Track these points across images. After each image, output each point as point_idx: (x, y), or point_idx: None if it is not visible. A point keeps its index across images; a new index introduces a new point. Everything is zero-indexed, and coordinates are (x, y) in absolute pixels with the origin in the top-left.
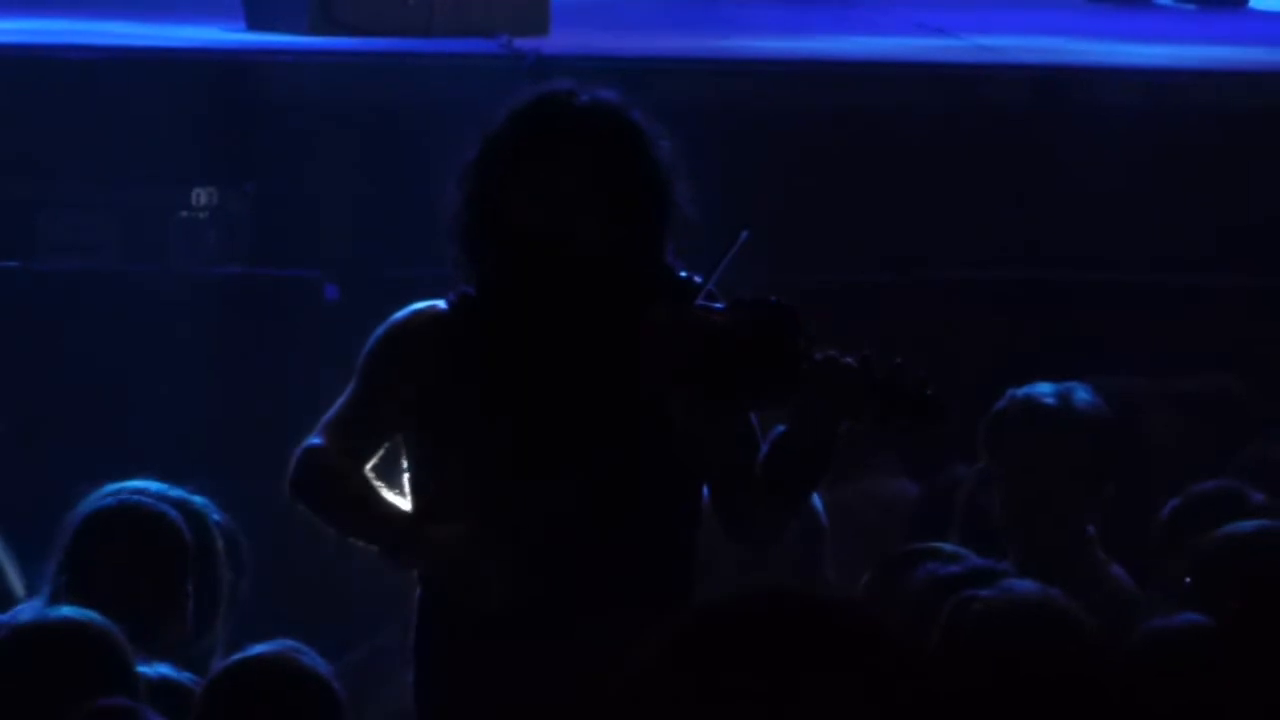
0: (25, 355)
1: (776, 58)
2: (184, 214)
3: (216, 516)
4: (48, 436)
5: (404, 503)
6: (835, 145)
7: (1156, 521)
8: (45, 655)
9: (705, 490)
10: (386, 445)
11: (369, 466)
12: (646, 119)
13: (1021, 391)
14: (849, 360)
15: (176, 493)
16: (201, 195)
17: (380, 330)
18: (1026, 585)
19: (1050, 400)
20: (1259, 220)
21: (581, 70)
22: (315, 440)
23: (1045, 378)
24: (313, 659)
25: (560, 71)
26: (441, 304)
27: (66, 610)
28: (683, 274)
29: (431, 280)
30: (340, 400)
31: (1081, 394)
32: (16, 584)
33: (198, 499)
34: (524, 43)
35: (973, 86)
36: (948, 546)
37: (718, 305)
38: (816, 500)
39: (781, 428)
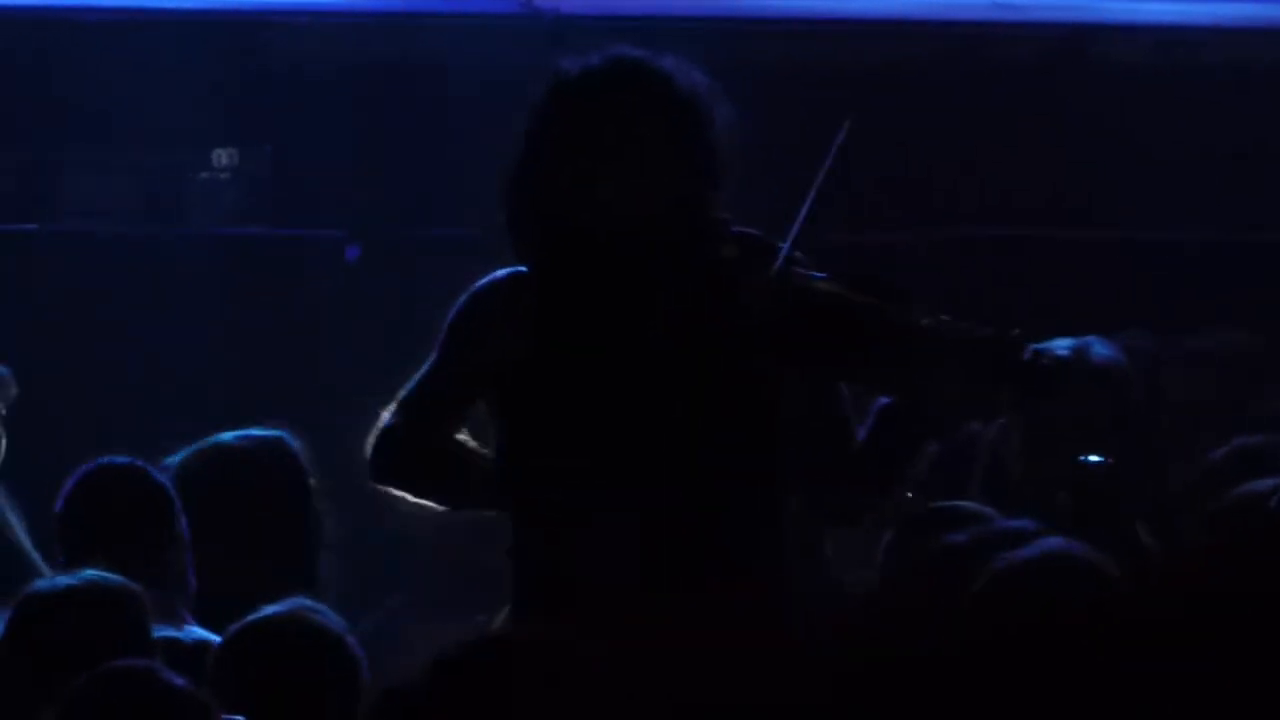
0: (46, 317)
1: (795, 15)
2: (204, 175)
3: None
4: (69, 398)
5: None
6: (856, 102)
7: (1180, 476)
8: (65, 617)
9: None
10: (465, 419)
11: (456, 435)
12: (712, 82)
13: (1039, 346)
14: (958, 332)
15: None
16: (221, 156)
17: (461, 300)
18: (1052, 540)
19: (1067, 354)
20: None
21: (600, 29)
22: (391, 421)
23: (1066, 334)
24: (328, 617)
25: (579, 30)
26: (522, 271)
27: (89, 573)
28: (759, 236)
29: (451, 240)
30: (419, 374)
31: (1099, 348)
32: (25, 541)
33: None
34: (543, 1)
35: (991, 44)
36: (969, 505)
37: (817, 274)
38: None
39: (883, 401)
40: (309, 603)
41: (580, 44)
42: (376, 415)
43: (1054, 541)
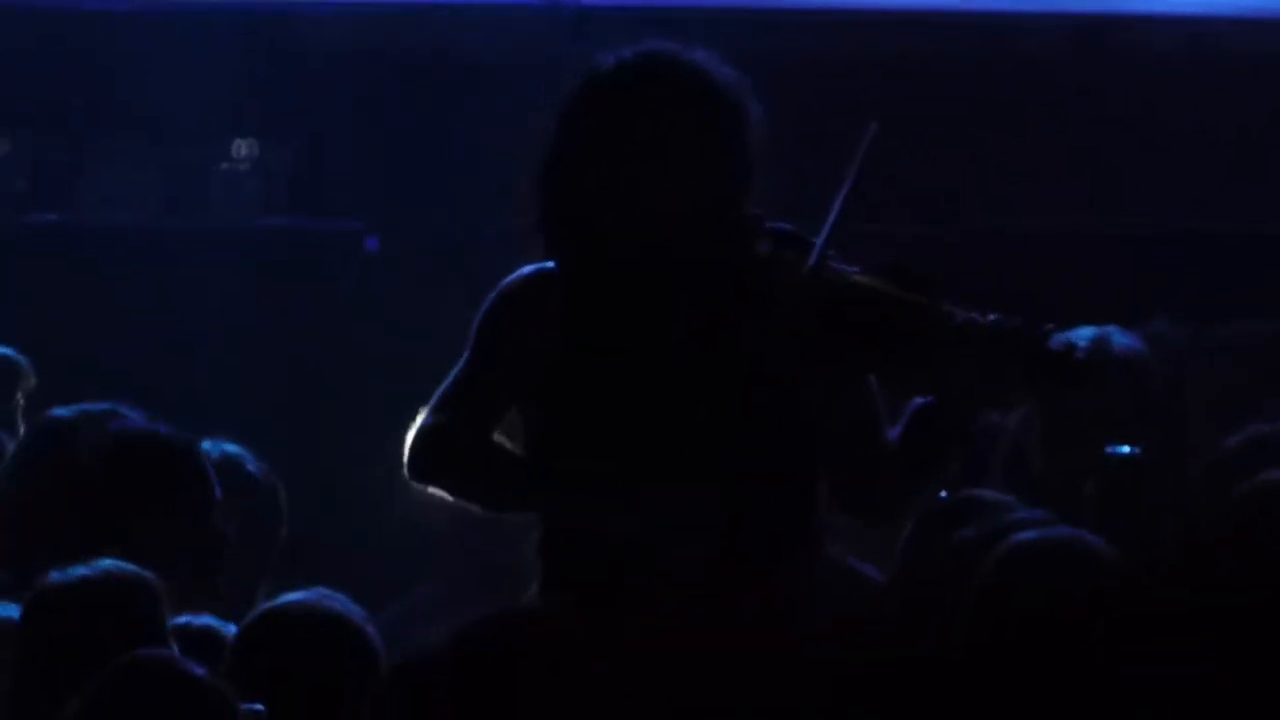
0: (66, 309)
1: (817, 6)
2: (225, 167)
3: (252, 466)
4: (88, 390)
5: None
6: (877, 94)
7: (1200, 466)
8: (83, 609)
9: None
10: (506, 415)
11: (494, 435)
12: (743, 78)
13: (1060, 336)
14: (991, 327)
15: (214, 443)
16: (242, 148)
17: (493, 296)
18: (1060, 528)
19: (1087, 344)
20: None
21: (622, 20)
22: (429, 420)
23: (1087, 324)
24: (347, 606)
25: (600, 21)
26: (550, 267)
27: (105, 563)
28: (795, 232)
29: (472, 232)
30: (453, 373)
31: (1119, 338)
32: None
33: (231, 447)
34: None
35: (1009, 34)
36: (989, 494)
37: (850, 269)
38: None
39: (919, 401)
40: (328, 591)
41: (601, 34)
42: (400, 408)
43: (1061, 529)
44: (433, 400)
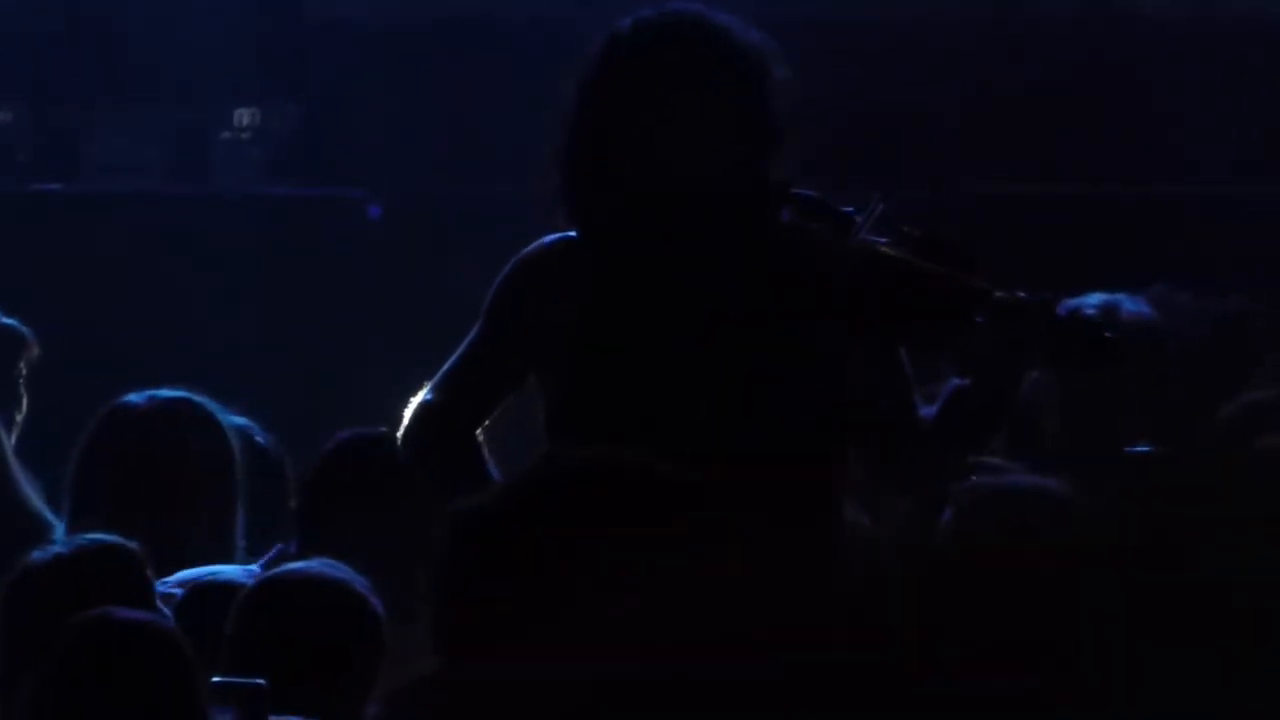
0: (69, 277)
1: None
2: (227, 134)
3: (259, 437)
4: (94, 356)
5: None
6: (887, 57)
7: (1207, 430)
8: (71, 581)
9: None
10: (513, 393)
11: (488, 421)
12: (770, 40)
13: (1071, 303)
14: (1027, 300)
15: (222, 414)
16: (245, 115)
17: (510, 267)
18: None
19: (1095, 311)
20: None
21: None
22: (430, 398)
23: (1099, 289)
24: (348, 574)
25: None
26: (572, 235)
27: (94, 536)
28: (834, 204)
29: (474, 200)
30: (461, 348)
31: (1129, 305)
32: (36, 501)
33: (239, 419)
34: None
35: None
36: (995, 461)
37: (880, 239)
38: None
39: (956, 381)
40: (330, 561)
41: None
42: (402, 376)
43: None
44: (436, 378)
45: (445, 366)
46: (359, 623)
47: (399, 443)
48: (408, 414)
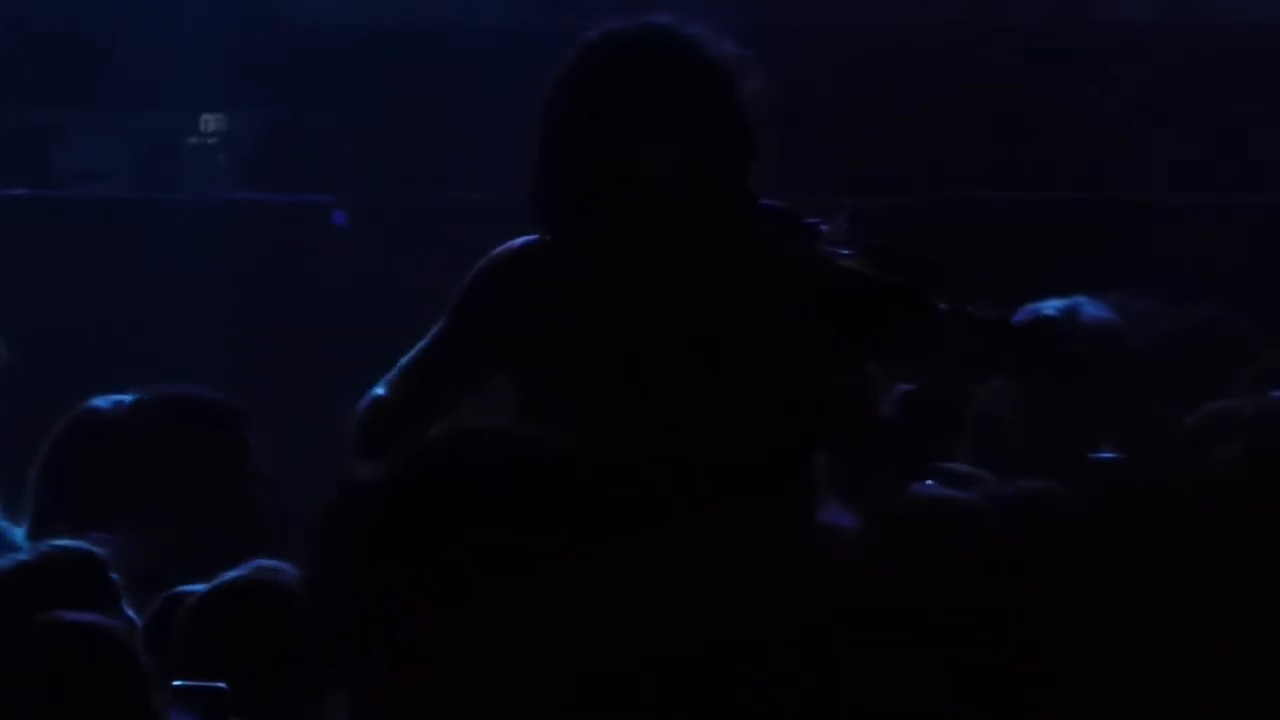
0: (38, 282)
1: None
2: (195, 140)
3: None
4: (61, 361)
5: None
6: (859, 65)
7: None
8: (35, 588)
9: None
10: (466, 394)
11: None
12: (742, 52)
13: (1029, 307)
14: (983, 313)
15: None
16: (212, 122)
17: (480, 266)
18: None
19: (1054, 314)
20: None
21: None
22: (384, 394)
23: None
24: (291, 576)
25: None
26: (539, 240)
27: (59, 541)
28: (798, 215)
29: (441, 206)
30: (423, 343)
31: (1089, 309)
32: None
33: None
34: None
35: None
36: (960, 468)
37: (842, 250)
38: None
39: (905, 387)
40: (273, 564)
41: (577, 6)
42: (368, 382)
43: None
44: (392, 372)
45: (402, 362)
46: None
47: (354, 439)
48: (360, 410)
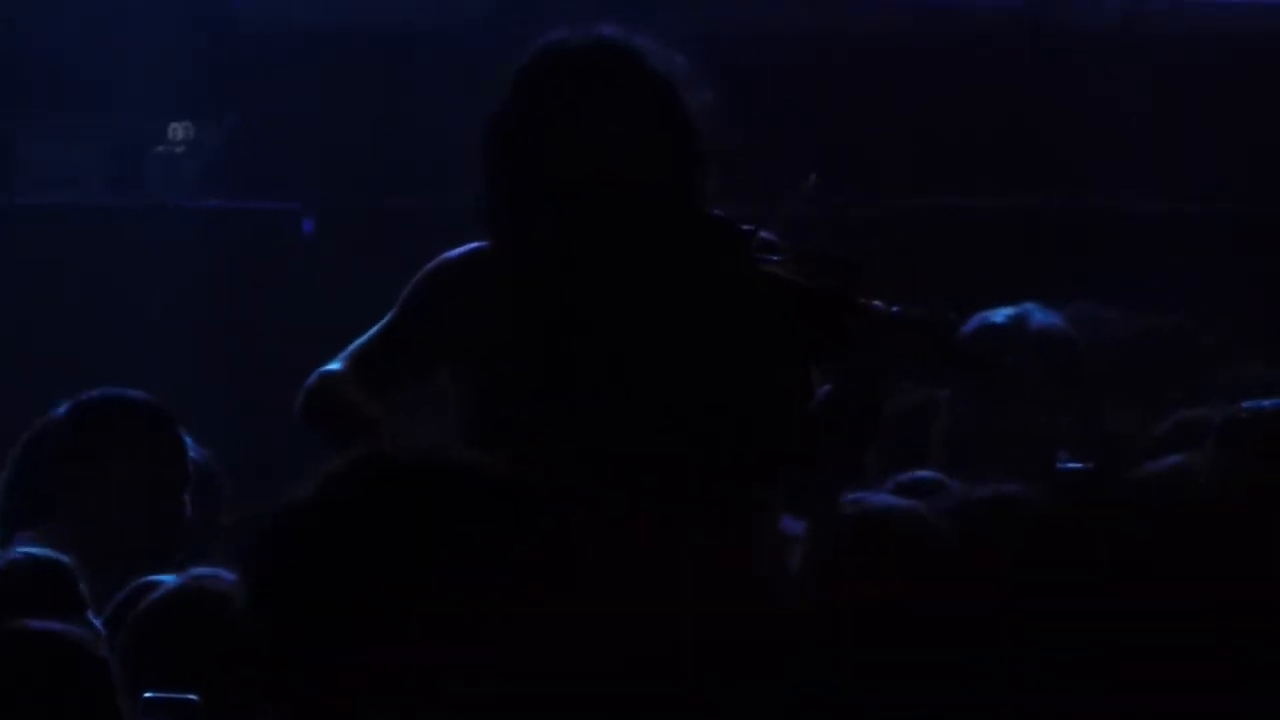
0: (4, 289)
1: None
2: (162, 147)
3: (193, 451)
4: (28, 367)
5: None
6: (824, 72)
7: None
8: (2, 595)
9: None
10: (408, 387)
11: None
12: (685, 63)
13: (979, 315)
14: (896, 312)
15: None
16: (180, 129)
17: (431, 266)
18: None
19: (1002, 321)
20: (1241, 149)
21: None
22: (331, 365)
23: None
24: (226, 580)
25: (538, 1)
26: (488, 246)
27: (24, 549)
28: (732, 222)
29: (408, 213)
30: (373, 332)
31: (1038, 315)
32: None
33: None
34: None
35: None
36: (927, 474)
37: (772, 258)
38: None
39: (826, 388)
40: (205, 570)
41: (540, 15)
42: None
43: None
44: (343, 352)
45: (353, 344)
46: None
47: (299, 407)
48: (309, 381)
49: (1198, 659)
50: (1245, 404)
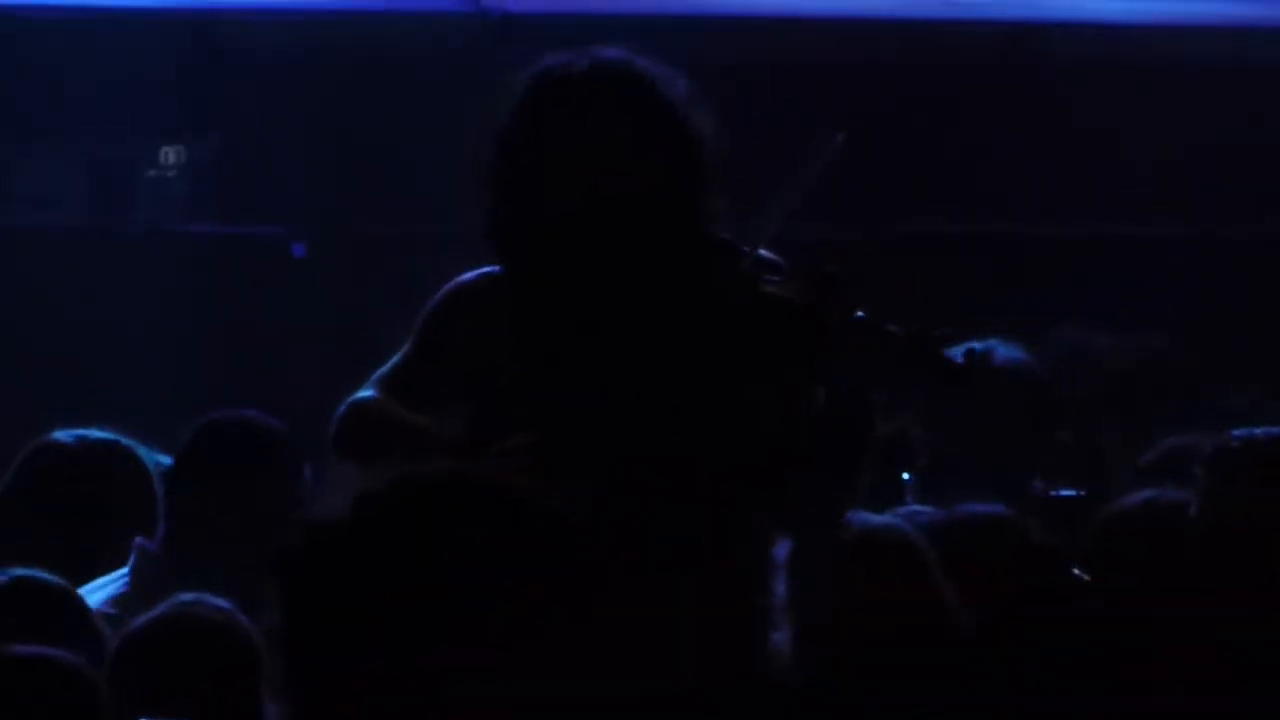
0: None
1: (746, 14)
2: (151, 171)
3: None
4: (13, 391)
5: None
6: (806, 100)
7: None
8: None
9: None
10: (438, 408)
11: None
12: (685, 89)
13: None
14: (881, 327)
15: (139, 449)
16: (169, 152)
17: (438, 295)
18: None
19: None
20: (1225, 171)
21: (546, 27)
22: (363, 393)
23: (1008, 330)
24: (211, 606)
25: (525, 28)
26: (497, 270)
27: (19, 571)
28: (725, 239)
29: (399, 237)
30: (393, 359)
31: (1002, 351)
32: None
33: (164, 458)
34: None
35: (943, 41)
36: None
37: (770, 278)
38: None
39: (821, 397)
40: (188, 596)
41: (527, 41)
42: (325, 414)
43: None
44: (371, 380)
45: (379, 373)
46: (228, 652)
47: (333, 439)
48: (341, 410)
49: (1189, 681)
50: (1236, 432)
